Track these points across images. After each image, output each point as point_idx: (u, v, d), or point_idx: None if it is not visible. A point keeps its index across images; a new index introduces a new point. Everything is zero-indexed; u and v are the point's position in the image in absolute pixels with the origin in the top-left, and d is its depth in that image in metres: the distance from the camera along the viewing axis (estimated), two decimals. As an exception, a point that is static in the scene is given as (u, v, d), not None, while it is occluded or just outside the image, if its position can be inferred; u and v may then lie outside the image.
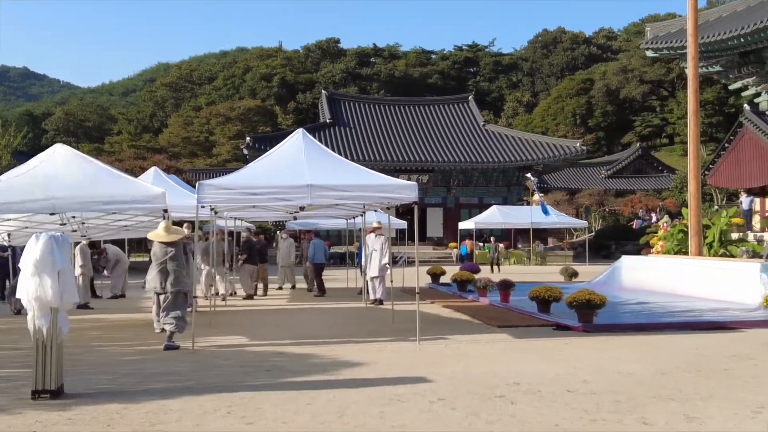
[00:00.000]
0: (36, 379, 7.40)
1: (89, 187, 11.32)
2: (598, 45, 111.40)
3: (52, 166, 11.93)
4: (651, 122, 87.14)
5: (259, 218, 25.31)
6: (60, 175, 11.58)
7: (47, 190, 11.03)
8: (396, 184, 12.11)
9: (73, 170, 11.85)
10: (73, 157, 12.36)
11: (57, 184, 11.29)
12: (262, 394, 7.67)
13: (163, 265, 10.73)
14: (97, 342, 11.58)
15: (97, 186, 11.43)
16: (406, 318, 13.91)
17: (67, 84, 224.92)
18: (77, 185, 11.35)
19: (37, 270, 7.39)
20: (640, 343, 11.16)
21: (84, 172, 11.88)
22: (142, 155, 62.25)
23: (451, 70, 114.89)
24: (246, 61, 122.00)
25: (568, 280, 24.29)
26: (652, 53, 28.59)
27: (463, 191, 48.67)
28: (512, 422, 6.55)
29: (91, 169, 12.15)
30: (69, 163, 12.05)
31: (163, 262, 10.74)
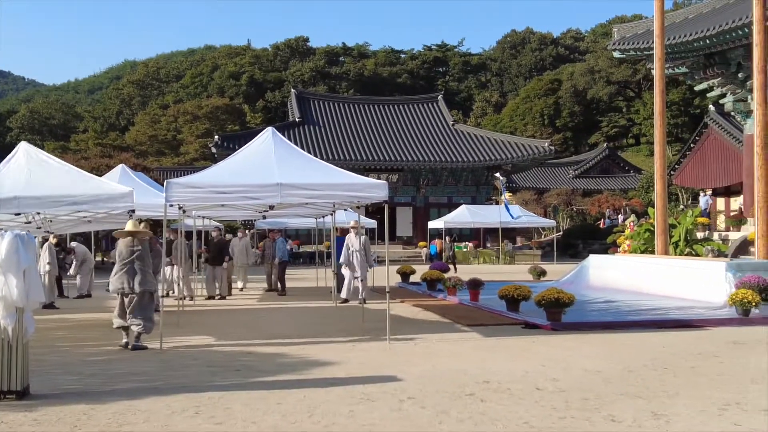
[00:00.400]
0: (1, 379, 7.28)
1: (55, 187, 11.18)
2: (565, 46, 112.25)
3: (17, 167, 11.78)
4: (617, 123, 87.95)
5: (228, 217, 25.14)
6: (25, 176, 11.43)
7: (12, 190, 10.88)
8: (366, 183, 12.10)
9: (38, 170, 11.70)
10: (38, 156, 12.21)
11: (22, 184, 11.14)
12: (232, 394, 7.62)
13: (129, 264, 10.58)
14: (63, 342, 11.44)
15: (63, 186, 11.30)
16: (376, 317, 13.91)
17: (31, 81, 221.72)
18: (42, 185, 11.21)
19: (2, 269, 7.28)
20: (608, 341, 11.26)
21: (49, 172, 11.75)
22: (109, 153, 61.56)
23: (420, 69, 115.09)
24: (214, 59, 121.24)
25: (536, 279, 24.43)
26: (619, 54, 28.85)
27: (433, 190, 48.80)
28: (482, 420, 6.57)
29: (56, 169, 12.02)
30: (34, 163, 11.90)
31: (129, 262, 10.59)
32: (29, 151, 12.33)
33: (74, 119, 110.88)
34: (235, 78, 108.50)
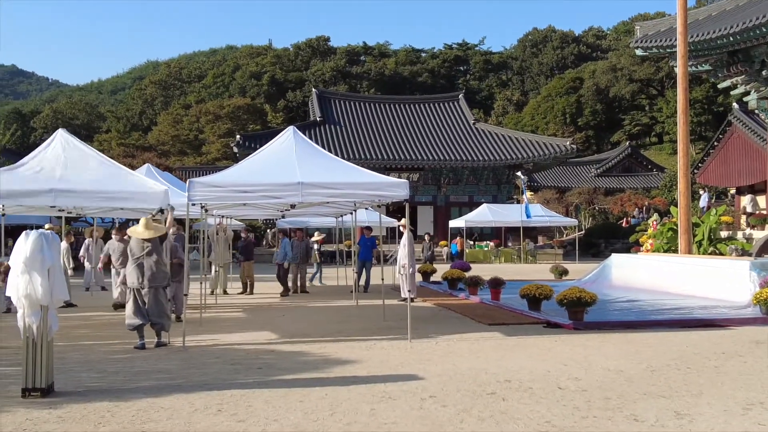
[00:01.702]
0: (26, 377, 7.36)
1: (91, 181, 11.30)
2: (587, 44, 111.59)
3: (54, 155, 11.92)
4: (640, 121, 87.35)
5: (250, 216, 25.21)
6: (61, 166, 11.56)
7: (49, 182, 11.01)
8: (387, 182, 12.10)
9: (74, 161, 11.84)
10: (75, 145, 12.34)
11: (58, 175, 11.27)
12: (253, 391, 7.66)
13: (140, 260, 10.65)
14: (86, 340, 11.53)
15: (99, 180, 11.42)
16: (397, 316, 13.93)
17: (55, 82, 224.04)
18: (78, 178, 11.33)
19: (27, 268, 7.35)
20: (630, 340, 11.19)
21: (86, 164, 11.88)
22: (131, 153, 62.08)
23: (441, 68, 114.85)
24: (236, 59, 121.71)
25: (558, 278, 24.33)
26: (642, 52, 28.62)
27: (454, 189, 48.69)
28: (503, 419, 6.56)
29: (92, 160, 12.15)
30: (70, 153, 12.03)
31: (140, 257, 10.66)
32: (66, 139, 12.47)
33: (97, 119, 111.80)
34: (256, 78, 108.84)
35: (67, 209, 14.62)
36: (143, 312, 10.61)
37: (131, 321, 10.60)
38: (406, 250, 16.45)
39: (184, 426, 6.37)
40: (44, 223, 22.49)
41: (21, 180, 11.18)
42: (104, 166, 12.12)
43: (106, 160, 12.59)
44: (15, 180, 11.17)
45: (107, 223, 26.00)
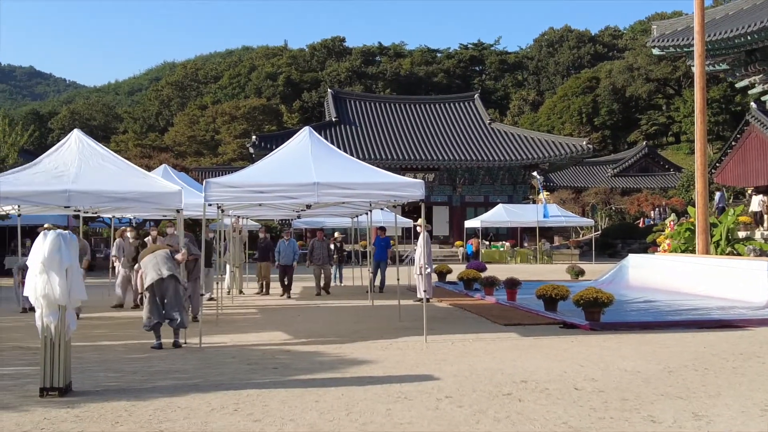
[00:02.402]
0: (44, 376, 7.41)
1: (105, 182, 11.37)
2: (603, 43, 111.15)
3: (69, 154, 12.00)
4: (657, 120, 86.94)
5: (266, 216, 25.24)
6: (75, 166, 11.64)
7: (63, 183, 11.09)
8: (402, 182, 12.10)
9: (88, 161, 11.93)
10: (89, 146, 12.42)
11: (72, 175, 11.35)
12: (269, 391, 7.67)
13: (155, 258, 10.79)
14: (104, 340, 11.60)
15: (113, 180, 11.48)
16: (413, 316, 13.93)
17: (72, 83, 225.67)
18: (92, 179, 11.41)
19: (45, 268, 7.40)
20: (647, 341, 11.13)
21: (99, 164, 11.96)
22: (148, 154, 62.36)
23: (457, 68, 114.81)
24: (251, 60, 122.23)
25: (574, 278, 24.25)
26: (658, 51, 28.54)
27: (469, 189, 48.61)
28: (520, 420, 6.54)
29: (106, 160, 12.22)
30: (85, 153, 12.11)
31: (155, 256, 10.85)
32: (81, 139, 12.55)
33: (114, 120, 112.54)
34: (272, 78, 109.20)
35: (84, 209, 14.71)
36: (160, 312, 10.68)
37: (148, 321, 10.66)
38: (423, 250, 16.45)
39: (200, 425, 6.39)
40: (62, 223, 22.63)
41: (35, 181, 11.25)
42: (118, 167, 12.19)
43: (121, 160, 12.66)
44: (29, 181, 11.25)
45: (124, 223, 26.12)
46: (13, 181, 11.33)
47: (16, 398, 7.39)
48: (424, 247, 16.51)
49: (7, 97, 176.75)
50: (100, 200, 11.53)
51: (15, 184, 11.15)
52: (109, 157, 12.49)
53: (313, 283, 20.33)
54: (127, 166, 12.55)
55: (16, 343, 11.37)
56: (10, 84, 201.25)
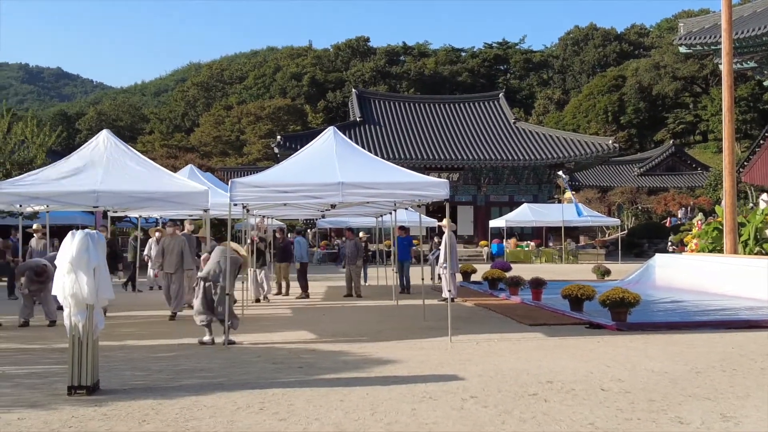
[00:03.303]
0: (72, 375, 7.48)
1: (132, 182, 11.49)
2: (629, 41, 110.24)
3: (97, 154, 12.14)
4: (684, 119, 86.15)
5: (290, 216, 25.31)
6: (103, 166, 11.77)
7: (91, 183, 11.21)
8: (427, 182, 12.07)
9: (116, 161, 12.05)
10: (117, 146, 12.55)
11: (100, 176, 11.47)
12: (294, 390, 7.70)
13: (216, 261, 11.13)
14: (131, 338, 11.69)
15: (140, 181, 11.60)
16: (437, 316, 13.91)
17: (99, 84, 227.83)
18: (120, 179, 11.53)
19: (73, 267, 7.47)
20: (674, 341, 11.04)
21: (126, 164, 12.08)
22: (174, 154, 62.83)
23: (481, 67, 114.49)
24: (276, 61, 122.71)
25: (600, 278, 24.09)
26: (685, 49, 28.26)
27: (494, 189, 48.45)
28: (545, 420, 6.50)
29: (133, 160, 12.34)
30: (112, 153, 12.24)
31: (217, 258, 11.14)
32: (109, 139, 12.68)
33: (141, 121, 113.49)
34: (296, 79, 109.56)
35: (112, 209, 14.88)
36: (211, 308, 10.93)
37: (201, 317, 10.93)
38: (448, 250, 16.42)
39: (226, 424, 6.42)
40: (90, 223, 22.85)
41: (64, 181, 11.38)
42: (146, 168, 12.31)
43: (147, 161, 12.77)
44: (58, 181, 11.38)
45: (150, 223, 26.33)
46: (43, 180, 11.47)
47: (45, 397, 7.47)
48: (448, 246, 16.48)
49: (36, 98, 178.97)
50: (128, 200, 11.67)
51: (44, 184, 11.28)
52: (136, 157, 12.62)
53: (340, 283, 20.29)
54: (154, 167, 12.66)
55: (44, 342, 11.50)
56: (38, 85, 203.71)
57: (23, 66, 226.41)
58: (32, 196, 11.18)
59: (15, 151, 24.12)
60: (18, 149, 24.29)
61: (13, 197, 11.27)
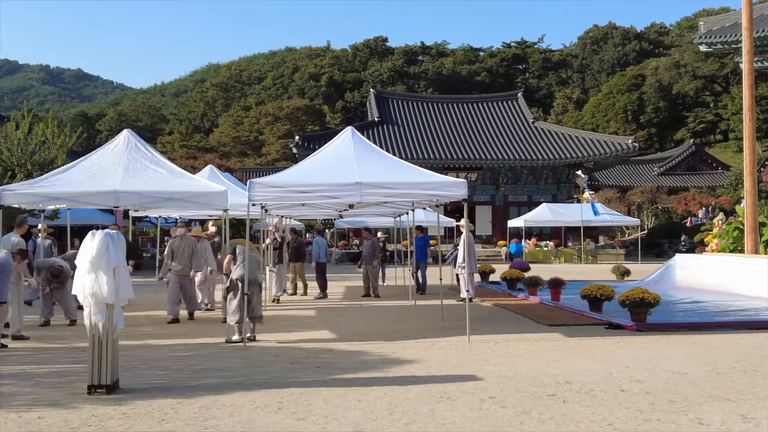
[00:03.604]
0: (92, 374, 7.53)
1: (152, 183, 11.57)
2: (649, 40, 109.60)
3: (118, 153, 12.23)
4: (704, 118, 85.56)
5: (308, 216, 25.35)
6: (124, 167, 11.85)
7: (112, 183, 11.29)
8: (445, 182, 12.06)
9: (136, 161, 12.13)
10: (137, 146, 12.64)
11: (120, 176, 11.56)
12: (313, 390, 7.71)
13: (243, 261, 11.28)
14: (150, 338, 11.76)
15: (159, 181, 11.68)
16: (455, 316, 13.88)
17: (120, 85, 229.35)
18: (140, 179, 11.61)
19: (93, 267, 7.52)
20: (695, 342, 10.96)
21: (146, 165, 12.16)
22: (193, 155, 63.24)
23: (500, 67, 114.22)
24: (294, 61, 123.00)
25: (620, 278, 23.96)
26: (706, 48, 28.06)
27: (512, 189, 48.29)
28: (564, 421, 6.48)
29: (153, 161, 12.41)
30: (132, 153, 12.32)
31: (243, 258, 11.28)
32: (130, 139, 12.77)
33: (160, 122, 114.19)
34: (315, 79, 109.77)
35: (134, 208, 14.99)
36: (243, 309, 11.09)
37: (236, 317, 11.08)
38: (466, 250, 16.38)
39: (245, 423, 6.45)
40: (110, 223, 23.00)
41: (85, 181, 11.47)
42: (166, 168, 12.37)
43: (167, 162, 12.84)
44: (79, 181, 11.47)
45: (170, 224, 26.48)
46: (65, 180, 11.56)
47: (65, 395, 7.52)
48: (466, 246, 16.43)
49: (56, 99, 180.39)
50: (149, 200, 11.74)
51: (65, 184, 11.38)
52: (156, 158, 12.69)
53: (358, 283, 20.25)
54: (174, 167, 12.74)
55: (65, 341, 11.59)
56: (59, 86, 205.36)
57: (44, 67, 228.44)
58: (54, 196, 11.28)
59: (36, 151, 24.33)
60: (39, 150, 24.51)
61: (35, 197, 11.37)
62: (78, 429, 6.30)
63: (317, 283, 19.62)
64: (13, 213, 20.54)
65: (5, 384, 8.11)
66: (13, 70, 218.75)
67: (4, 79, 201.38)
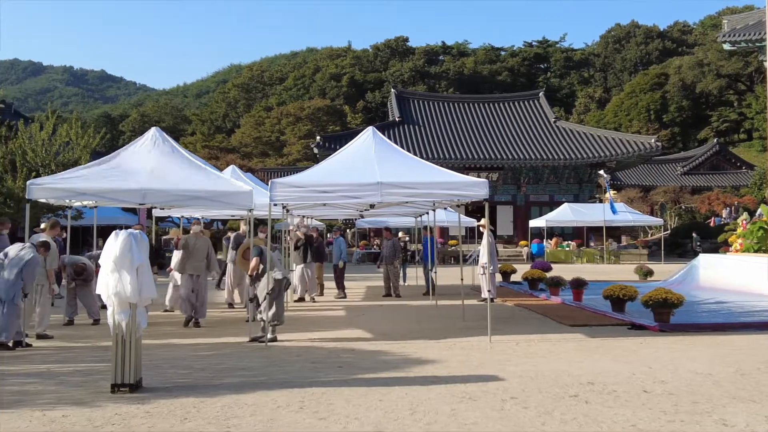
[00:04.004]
0: (115, 373, 7.59)
1: (178, 181, 11.63)
2: (672, 39, 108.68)
3: (146, 150, 12.32)
4: (728, 117, 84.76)
5: (329, 216, 25.37)
6: (151, 164, 11.93)
7: (139, 181, 11.37)
8: (466, 182, 12.04)
9: (163, 159, 12.21)
10: (167, 145, 12.72)
11: (147, 173, 11.64)
12: (334, 389, 7.72)
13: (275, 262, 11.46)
14: (173, 337, 11.83)
15: (186, 179, 11.73)
16: (477, 316, 13.86)
17: (142, 86, 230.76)
18: (167, 177, 11.67)
19: (117, 266, 7.58)
20: (719, 343, 10.87)
21: (173, 162, 12.23)
22: (215, 155, 63.51)
23: (521, 66, 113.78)
24: (316, 62, 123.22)
25: (642, 279, 23.80)
26: (729, 46, 27.82)
27: (534, 189, 48.09)
28: (586, 422, 6.44)
29: (181, 158, 12.48)
30: (160, 150, 12.40)
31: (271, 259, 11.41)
32: (157, 137, 12.85)
33: (183, 122, 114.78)
34: (336, 79, 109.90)
35: (158, 206, 15.01)
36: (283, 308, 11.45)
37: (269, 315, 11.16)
38: (487, 250, 16.34)
39: (266, 422, 6.47)
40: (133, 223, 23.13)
41: (111, 178, 11.56)
42: (193, 166, 12.44)
43: (196, 159, 12.91)
44: (105, 178, 11.56)
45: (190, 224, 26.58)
46: (92, 176, 11.65)
47: (89, 394, 7.59)
48: (487, 246, 16.40)
49: (80, 100, 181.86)
50: (174, 198, 11.78)
51: (93, 180, 11.47)
52: (183, 155, 12.75)
53: (379, 283, 20.21)
54: (201, 165, 12.78)
55: (88, 340, 11.69)
56: (83, 87, 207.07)
57: (68, 69, 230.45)
58: (81, 192, 11.35)
59: (60, 152, 24.55)
60: (63, 151, 24.72)
61: (63, 192, 11.46)
62: (101, 427, 6.35)
63: (336, 283, 19.63)
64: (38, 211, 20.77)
65: (30, 382, 8.19)
66: (38, 71, 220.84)
67: (29, 81, 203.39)
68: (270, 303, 11.17)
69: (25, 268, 10.53)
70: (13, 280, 10.45)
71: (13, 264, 10.54)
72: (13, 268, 10.51)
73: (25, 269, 10.53)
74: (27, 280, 10.63)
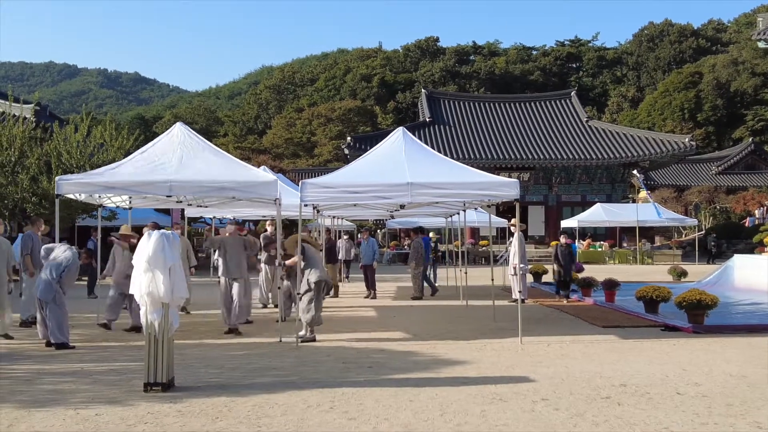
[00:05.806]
0: (148, 372, 7.66)
1: (204, 172, 11.72)
2: (706, 37, 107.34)
3: (171, 147, 12.43)
4: (764, 116, 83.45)
5: (360, 216, 25.40)
6: (177, 158, 12.04)
7: (165, 174, 11.48)
8: (497, 182, 11.99)
9: (190, 153, 12.31)
10: (191, 139, 12.83)
11: (174, 166, 11.75)
12: (364, 390, 7.74)
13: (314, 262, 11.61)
14: (205, 337, 11.92)
15: (212, 171, 11.81)
16: (508, 317, 13.80)
17: (176, 88, 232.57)
18: (192, 168, 11.77)
19: (150, 266, 7.65)
20: (753, 345, 10.72)
21: (199, 155, 12.33)
22: (247, 156, 63.90)
23: (553, 66, 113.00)
24: (346, 62, 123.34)
25: (676, 279, 23.56)
26: (765, 44, 27.42)
27: (565, 189, 47.77)
28: (619, 424, 6.39)
29: (206, 151, 12.58)
30: (187, 145, 12.51)
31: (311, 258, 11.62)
32: (183, 132, 12.97)
33: (215, 124, 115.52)
34: (366, 80, 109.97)
35: (187, 201, 15.07)
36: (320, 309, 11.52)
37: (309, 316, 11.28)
38: (518, 250, 16.28)
39: (297, 422, 6.50)
40: (166, 224, 23.33)
41: (138, 172, 11.69)
42: (219, 157, 12.53)
43: (219, 151, 12.99)
44: (133, 172, 11.69)
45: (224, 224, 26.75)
46: (121, 171, 11.79)
47: (122, 393, 7.67)
48: (518, 247, 16.33)
49: (114, 102, 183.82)
50: (201, 190, 11.85)
51: (120, 174, 11.61)
52: (208, 147, 12.84)
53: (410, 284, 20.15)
54: (227, 156, 12.86)
55: (122, 339, 11.82)
56: (117, 90, 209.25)
57: (102, 71, 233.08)
58: (108, 186, 11.47)
59: (94, 153, 24.83)
60: (97, 152, 25.00)
61: (90, 187, 11.59)
62: (134, 426, 6.42)
63: (366, 283, 19.69)
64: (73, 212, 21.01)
65: (65, 381, 8.31)
66: (73, 74, 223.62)
67: (64, 83, 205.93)
68: (308, 304, 11.26)
69: (65, 270, 10.69)
70: (50, 281, 10.61)
71: (52, 265, 10.71)
72: (52, 269, 10.68)
73: (65, 272, 10.69)
74: (66, 282, 10.77)
